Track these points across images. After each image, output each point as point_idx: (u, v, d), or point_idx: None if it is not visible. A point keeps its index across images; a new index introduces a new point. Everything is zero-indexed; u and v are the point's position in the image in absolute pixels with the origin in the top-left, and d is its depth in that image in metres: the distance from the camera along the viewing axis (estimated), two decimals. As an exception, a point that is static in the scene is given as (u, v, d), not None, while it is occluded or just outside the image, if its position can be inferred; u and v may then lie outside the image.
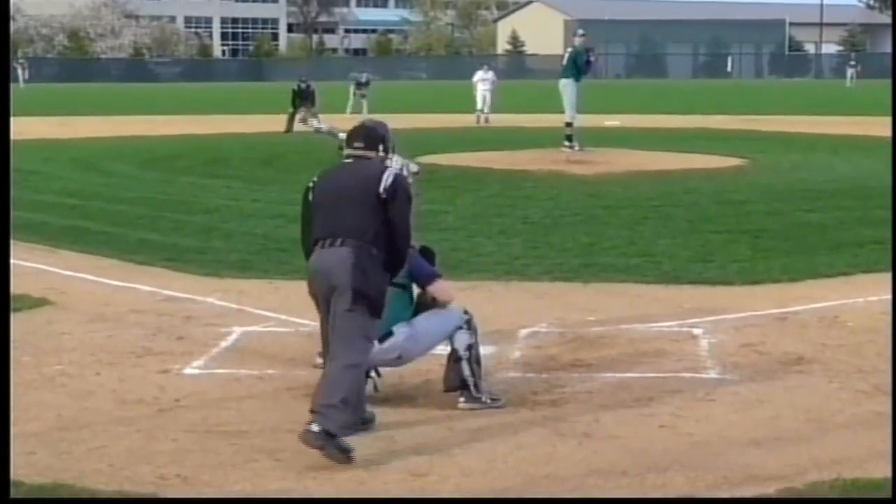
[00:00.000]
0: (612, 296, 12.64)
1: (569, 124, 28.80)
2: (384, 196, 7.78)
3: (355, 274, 7.62)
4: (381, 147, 8.13)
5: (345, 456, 7.32)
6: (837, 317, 11.49)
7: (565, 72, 28.71)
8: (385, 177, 7.83)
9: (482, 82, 43.91)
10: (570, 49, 29.14)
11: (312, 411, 7.44)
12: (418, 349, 8.61)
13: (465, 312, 8.68)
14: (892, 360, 9.57)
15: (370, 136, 8.19)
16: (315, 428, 7.32)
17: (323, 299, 7.89)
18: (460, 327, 8.58)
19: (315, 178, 8.24)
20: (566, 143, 28.72)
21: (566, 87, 28.64)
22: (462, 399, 8.60)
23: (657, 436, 8.04)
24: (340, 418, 7.43)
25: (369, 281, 7.67)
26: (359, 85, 48.59)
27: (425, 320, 8.56)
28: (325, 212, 7.90)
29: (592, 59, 29.18)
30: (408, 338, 8.47)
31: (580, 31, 29.93)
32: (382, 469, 7.39)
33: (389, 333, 8.41)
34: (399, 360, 8.63)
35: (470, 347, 8.60)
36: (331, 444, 7.30)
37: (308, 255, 8.06)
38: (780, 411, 8.56)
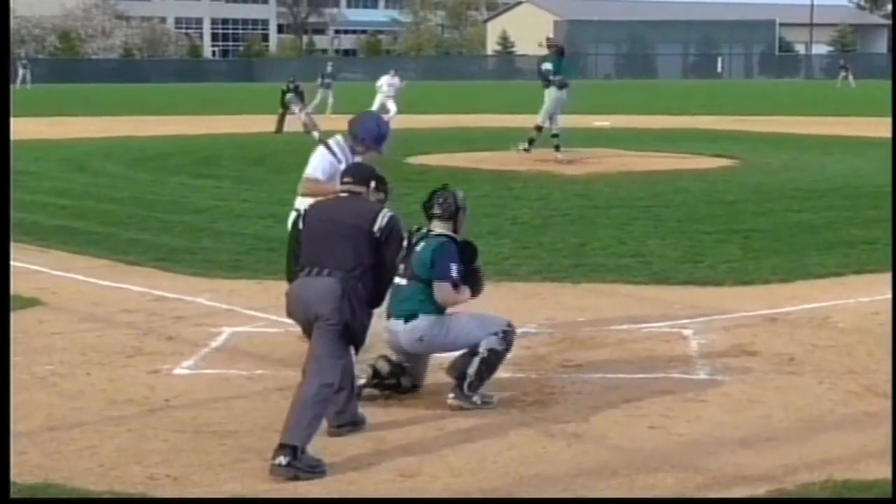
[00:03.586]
0: (601, 296, 12.64)
1: (555, 135, 28.11)
2: (378, 235, 7.76)
3: (342, 305, 7.59)
4: (371, 183, 8.12)
5: (316, 472, 7.26)
6: (828, 317, 11.50)
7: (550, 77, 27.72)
8: (380, 217, 7.81)
9: (388, 86, 43.01)
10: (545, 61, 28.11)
11: (282, 445, 7.31)
12: (457, 341, 8.69)
13: (509, 325, 8.77)
14: (892, 362, 9.58)
15: (359, 171, 8.25)
16: (282, 461, 7.23)
17: (302, 325, 7.89)
18: (495, 333, 8.66)
19: (307, 206, 8.20)
20: (557, 153, 28.27)
21: (549, 93, 27.83)
22: (451, 395, 8.61)
23: (647, 436, 8.04)
24: (308, 433, 7.38)
25: (355, 314, 7.63)
26: (323, 76, 48.35)
27: (470, 318, 8.71)
28: (314, 241, 7.86)
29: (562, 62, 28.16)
30: (466, 322, 8.65)
31: (549, 36, 28.86)
32: (372, 469, 7.39)
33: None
34: (448, 344, 8.73)
35: (492, 352, 8.64)
36: (300, 469, 7.20)
37: (291, 279, 8.00)
38: (770, 412, 8.57)
